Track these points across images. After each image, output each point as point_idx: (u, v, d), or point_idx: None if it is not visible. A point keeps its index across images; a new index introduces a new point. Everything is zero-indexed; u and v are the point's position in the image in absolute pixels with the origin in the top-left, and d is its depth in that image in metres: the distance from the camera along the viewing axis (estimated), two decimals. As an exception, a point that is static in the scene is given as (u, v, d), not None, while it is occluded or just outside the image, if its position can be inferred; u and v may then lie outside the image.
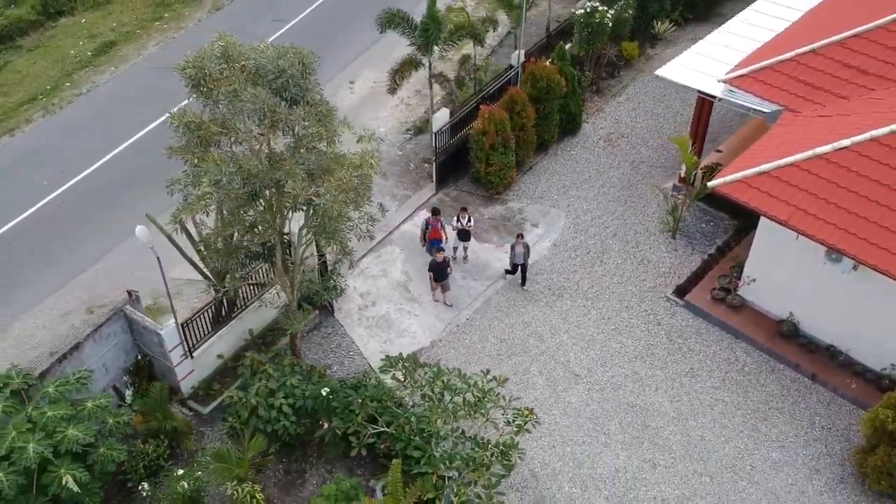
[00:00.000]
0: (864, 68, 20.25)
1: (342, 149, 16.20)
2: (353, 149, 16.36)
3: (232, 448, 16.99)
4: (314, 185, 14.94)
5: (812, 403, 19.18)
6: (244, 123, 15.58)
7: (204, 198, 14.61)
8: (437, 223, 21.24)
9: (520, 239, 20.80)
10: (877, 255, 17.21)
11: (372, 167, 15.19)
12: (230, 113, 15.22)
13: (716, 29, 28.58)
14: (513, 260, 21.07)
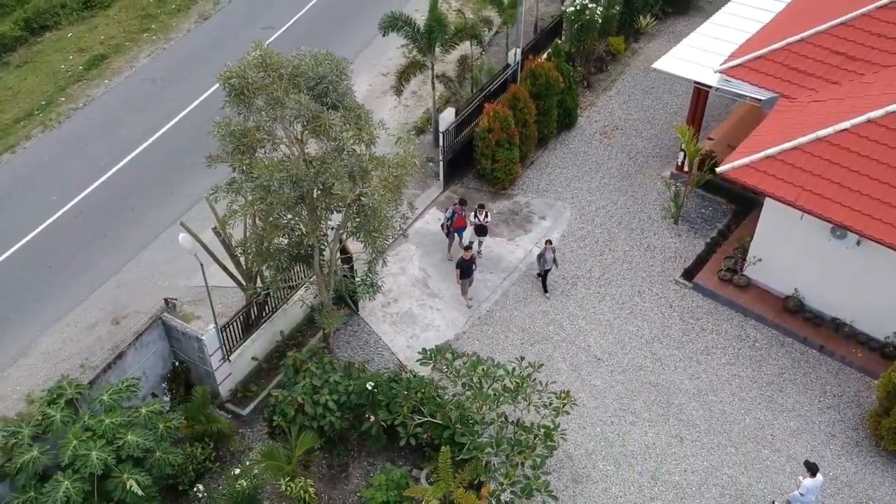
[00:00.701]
0: (851, 54, 21.40)
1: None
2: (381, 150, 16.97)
3: (279, 446, 17.45)
4: (359, 186, 15.49)
5: (822, 373, 20.25)
6: (285, 129, 16.09)
7: (255, 203, 15.04)
8: (462, 212, 21.93)
9: (548, 245, 21.26)
10: (880, 229, 18.31)
11: (415, 166, 15.79)
12: (272, 119, 15.69)
13: (694, 21, 29.81)
14: (542, 267, 21.49)
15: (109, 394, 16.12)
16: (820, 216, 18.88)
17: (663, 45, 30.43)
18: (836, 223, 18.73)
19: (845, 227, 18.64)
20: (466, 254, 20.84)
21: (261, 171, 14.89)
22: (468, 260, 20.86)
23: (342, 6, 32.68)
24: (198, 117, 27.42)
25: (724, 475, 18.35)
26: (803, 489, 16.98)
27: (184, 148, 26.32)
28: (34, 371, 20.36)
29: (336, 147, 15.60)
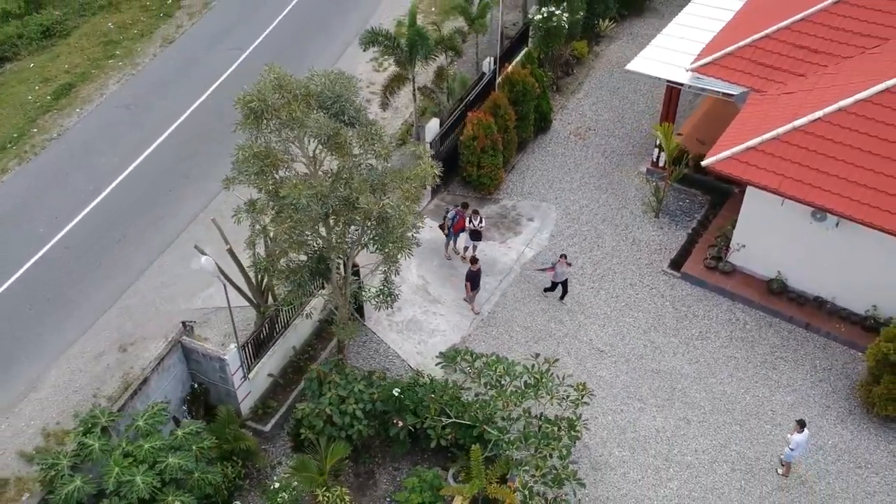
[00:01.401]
0: (813, 48, 22.76)
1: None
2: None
3: (309, 458, 17.82)
4: (382, 198, 16.02)
5: (810, 349, 21.47)
6: (301, 148, 16.52)
7: (285, 221, 15.42)
8: (465, 214, 22.60)
9: (563, 259, 21.86)
10: (857, 209, 19.59)
11: (435, 177, 16.38)
12: (285, 140, 16.11)
13: (649, 22, 31.15)
14: (555, 279, 22.11)
15: (145, 419, 16.29)
16: (802, 201, 20.09)
17: (623, 47, 31.70)
18: (818, 207, 19.95)
19: (826, 209, 19.88)
20: (475, 266, 21.49)
21: (289, 191, 15.28)
22: (477, 272, 21.51)
23: (306, 24, 33.02)
24: (176, 141, 27.54)
25: (733, 451, 19.37)
26: (793, 444, 18.22)
27: (166, 172, 26.43)
28: (46, 405, 20.28)
29: (356, 162, 16.07)
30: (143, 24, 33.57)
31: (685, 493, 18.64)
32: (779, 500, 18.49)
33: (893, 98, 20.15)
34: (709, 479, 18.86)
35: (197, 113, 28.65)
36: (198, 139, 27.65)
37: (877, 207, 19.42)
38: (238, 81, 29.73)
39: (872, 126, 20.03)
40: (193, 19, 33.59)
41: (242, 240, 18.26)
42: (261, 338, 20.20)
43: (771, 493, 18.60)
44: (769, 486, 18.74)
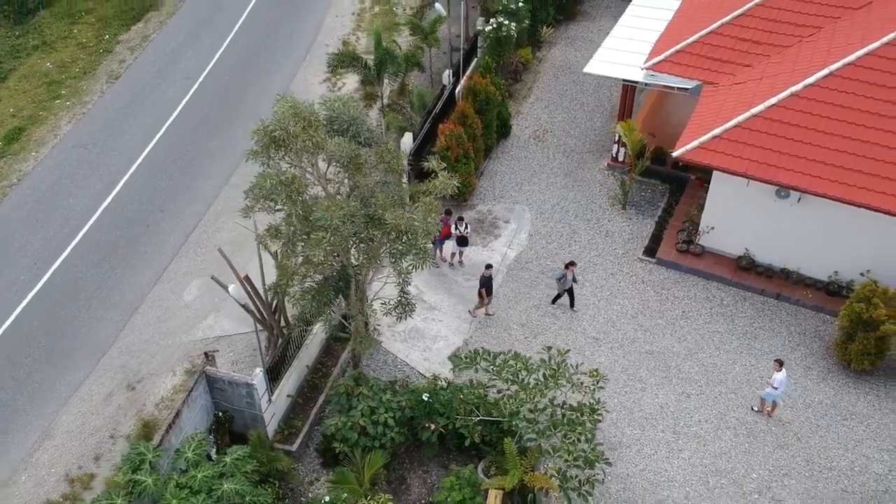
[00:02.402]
0: (756, 40, 24.64)
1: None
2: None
3: (347, 470, 18.39)
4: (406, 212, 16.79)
5: (784, 317, 23.24)
6: (318, 171, 17.13)
7: (321, 243, 15.99)
8: (449, 221, 23.48)
9: (571, 267, 22.68)
10: (818, 183, 21.41)
11: (455, 188, 17.23)
12: (308, 164, 16.71)
13: (582, 25, 32.82)
14: (562, 287, 22.95)
15: (192, 450, 16.56)
16: (769, 181, 21.81)
17: (563, 50, 33.22)
18: (784, 185, 21.71)
19: (791, 187, 21.65)
20: (486, 272, 22.38)
21: (323, 213, 15.86)
22: (489, 277, 22.40)
23: (253, 49, 33.30)
24: (143, 176, 27.50)
25: (732, 418, 20.87)
26: (775, 382, 20.04)
27: (140, 207, 26.43)
28: (63, 451, 20.16)
29: (378, 180, 16.79)
30: (84, 61, 33.20)
31: (697, 461, 20.01)
32: (781, 456, 20.06)
33: (837, 81, 22.10)
34: (716, 446, 20.30)
35: (159, 147, 28.66)
36: (165, 172, 27.70)
37: (835, 181, 21.28)
38: (195, 111, 30.01)
39: (822, 107, 21.93)
40: (135, 53, 33.42)
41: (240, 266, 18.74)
42: (277, 360, 20.59)
43: (773, 452, 20.16)
44: (770, 446, 20.30)
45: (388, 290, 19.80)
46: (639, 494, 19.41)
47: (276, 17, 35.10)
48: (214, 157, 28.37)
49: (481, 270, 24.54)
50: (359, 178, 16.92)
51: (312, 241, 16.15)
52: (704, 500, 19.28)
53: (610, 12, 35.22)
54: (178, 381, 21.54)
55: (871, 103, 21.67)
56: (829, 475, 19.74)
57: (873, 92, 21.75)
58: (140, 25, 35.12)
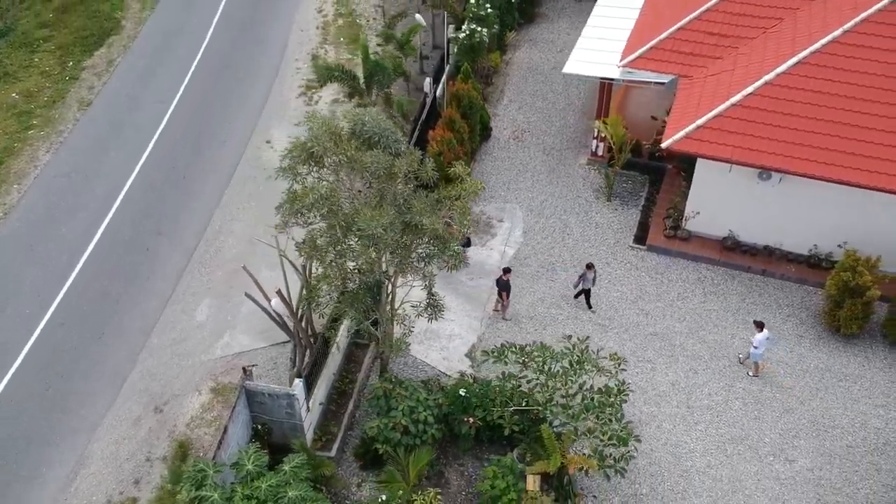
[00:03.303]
0: (723, 34, 26.16)
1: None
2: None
3: (393, 470, 19.08)
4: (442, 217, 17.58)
5: (771, 290, 24.79)
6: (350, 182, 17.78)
7: (367, 251, 16.65)
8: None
9: (591, 269, 23.61)
10: (797, 164, 22.98)
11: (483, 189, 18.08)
12: (346, 176, 17.35)
13: (542, 27, 34.10)
14: (583, 286, 23.83)
15: (252, 462, 17.02)
16: (753, 165, 23.29)
17: (528, 52, 34.37)
18: (768, 168, 23.22)
19: (774, 169, 23.17)
20: (506, 275, 23.21)
21: (367, 222, 16.51)
22: (507, 280, 23.23)
23: (223, 66, 33.46)
24: (134, 202, 27.51)
25: (739, 389, 22.25)
26: (756, 342, 21.76)
27: (136, 232, 26.51)
28: (101, 478, 20.28)
29: (413, 188, 17.54)
30: (51, 90, 32.87)
31: (713, 431, 21.31)
32: (788, 420, 21.51)
33: (806, 68, 23.72)
34: (728, 416, 21.63)
35: (145, 171, 28.69)
36: (155, 196, 27.79)
37: (813, 160, 22.88)
38: (174, 133, 30.14)
39: (795, 93, 23.51)
40: (103, 78, 33.24)
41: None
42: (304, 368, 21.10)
43: (780, 416, 21.60)
44: (777, 411, 21.74)
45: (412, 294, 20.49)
46: (665, 467, 20.59)
47: (240, 36, 35.28)
48: (202, 178, 28.56)
49: (484, 268, 25.52)
50: (392, 187, 17.61)
51: (359, 251, 16.78)
52: (725, 467, 20.58)
53: (565, 13, 36.57)
54: (206, 400, 21.83)
55: (840, 87, 23.34)
56: (833, 433, 21.27)
57: (840, 76, 23.43)
58: (103, 50, 34.88)
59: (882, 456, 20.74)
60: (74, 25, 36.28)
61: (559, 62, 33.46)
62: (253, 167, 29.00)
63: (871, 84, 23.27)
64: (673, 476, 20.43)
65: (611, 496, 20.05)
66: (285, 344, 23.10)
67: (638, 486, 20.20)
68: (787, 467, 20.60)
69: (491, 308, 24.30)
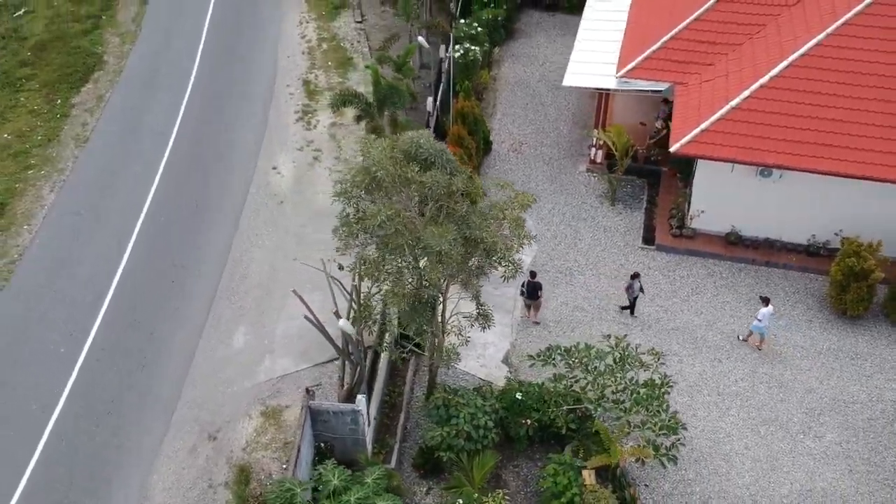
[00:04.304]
0: (712, 41, 27.74)
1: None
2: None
3: (459, 475, 19.87)
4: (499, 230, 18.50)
5: (777, 280, 26.34)
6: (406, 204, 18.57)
7: (435, 270, 17.46)
8: None
9: (637, 278, 24.68)
10: (795, 160, 24.61)
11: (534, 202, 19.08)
12: (407, 197, 18.14)
13: (520, 42, 35.57)
14: (632, 295, 24.87)
15: (338, 477, 17.63)
16: (757, 164, 24.84)
17: (511, 67, 35.59)
18: (771, 166, 24.78)
19: (777, 166, 24.75)
20: (534, 278, 24.14)
21: (434, 240, 17.31)
22: (537, 281, 24.18)
23: (214, 97, 33.73)
24: (150, 236, 27.58)
25: (763, 374, 23.66)
26: (760, 315, 23.44)
27: (158, 267, 26.65)
28: (171, 509, 20.58)
29: (471, 205, 18.43)
30: (44, 128, 32.75)
31: (744, 415, 22.64)
32: (811, 399, 22.99)
33: (798, 70, 25.40)
34: (756, 400, 23.01)
35: (155, 204, 28.86)
36: (170, 228, 28.02)
37: (812, 156, 24.52)
38: (179, 164, 30.43)
39: (791, 94, 25.16)
40: (96, 114, 33.25)
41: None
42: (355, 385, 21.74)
43: (804, 397, 23.06)
44: (800, 392, 23.21)
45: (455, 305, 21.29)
46: (706, 452, 21.82)
47: (227, 65, 35.63)
48: (215, 207, 28.89)
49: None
50: (451, 204, 18.45)
51: (429, 267, 17.58)
52: (761, 448, 21.91)
53: (541, 28, 37.93)
54: (257, 424, 22.26)
55: (829, 86, 25.09)
56: (853, 408, 22.82)
57: (828, 76, 25.17)
58: (90, 86, 34.86)
59: (901, 426, 22.38)
60: (56, 63, 36.14)
61: (543, 75, 35.00)
62: (264, 194, 29.46)
63: (858, 82, 25.06)
64: (715, 460, 21.67)
65: (661, 483, 21.16)
66: (325, 364, 23.74)
67: (684, 472, 21.36)
68: (816, 443, 22.03)
69: (518, 315, 25.26)
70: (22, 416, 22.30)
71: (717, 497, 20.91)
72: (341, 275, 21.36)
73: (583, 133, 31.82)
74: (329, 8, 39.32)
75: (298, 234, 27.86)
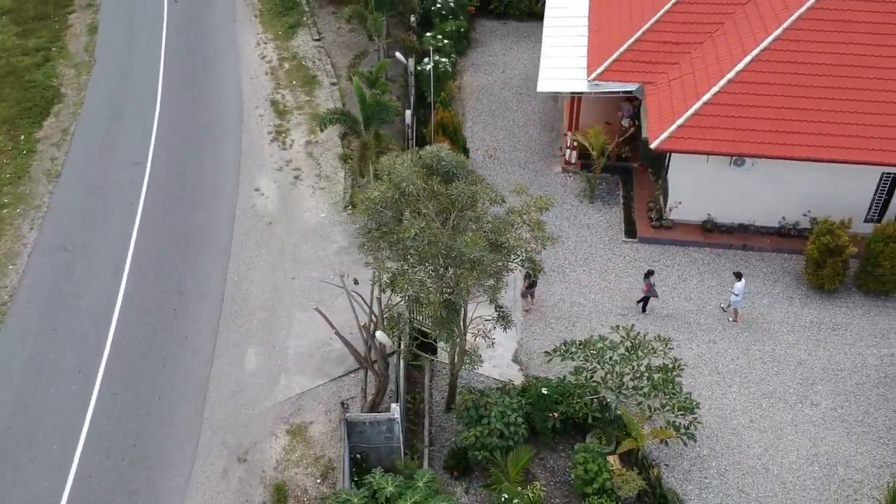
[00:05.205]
0: (675, 41, 29.25)
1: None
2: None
3: (496, 471, 20.67)
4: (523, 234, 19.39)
5: (755, 262, 27.97)
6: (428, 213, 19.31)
7: (470, 277, 18.24)
8: None
9: (651, 275, 25.77)
10: (767, 148, 26.26)
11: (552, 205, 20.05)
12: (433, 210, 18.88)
13: (478, 51, 36.77)
14: (650, 293, 25.82)
15: (393, 484, 18.21)
16: (727, 154, 26.39)
17: (473, 75, 36.58)
18: (745, 155, 26.36)
19: (749, 155, 26.34)
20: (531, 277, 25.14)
21: (469, 248, 18.09)
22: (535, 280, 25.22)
23: (184, 122, 33.74)
24: (143, 265, 27.54)
25: (756, 350, 25.16)
26: (736, 290, 25.17)
27: (158, 295, 26.63)
28: (210, 532, 20.75)
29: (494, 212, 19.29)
30: (11, 166, 32.21)
31: (745, 390, 24.07)
32: (803, 371, 24.57)
33: (761, 64, 27.06)
34: (753, 375, 24.47)
35: (143, 233, 28.78)
36: (162, 257, 28.00)
37: (781, 143, 26.20)
38: (159, 192, 30.36)
39: (757, 87, 26.79)
40: (63, 148, 32.88)
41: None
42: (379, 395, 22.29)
43: (796, 369, 24.64)
44: (792, 364, 24.78)
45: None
46: (715, 429, 23.13)
47: (191, 91, 35.59)
48: (204, 234, 28.95)
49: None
50: (473, 212, 19.26)
51: (464, 274, 18.34)
52: (765, 419, 23.37)
53: (496, 36, 39.06)
54: (285, 442, 22.61)
55: (792, 77, 26.80)
56: (842, 374, 24.50)
57: (791, 68, 26.88)
58: (52, 120, 34.39)
59: (886, 388, 24.11)
60: (12, 98, 35.52)
61: (506, 82, 36.13)
62: (251, 216, 29.66)
63: (816, 72, 26.83)
64: (725, 435, 23.01)
65: (679, 462, 22.37)
66: (342, 378, 24.23)
67: (698, 449, 22.63)
68: (814, 410, 23.61)
69: (520, 315, 26.19)
70: (45, 457, 22.14)
71: (733, 469, 22.22)
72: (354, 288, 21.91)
73: (552, 136, 33.04)
74: (284, 27, 39.64)
75: (293, 253, 28.20)
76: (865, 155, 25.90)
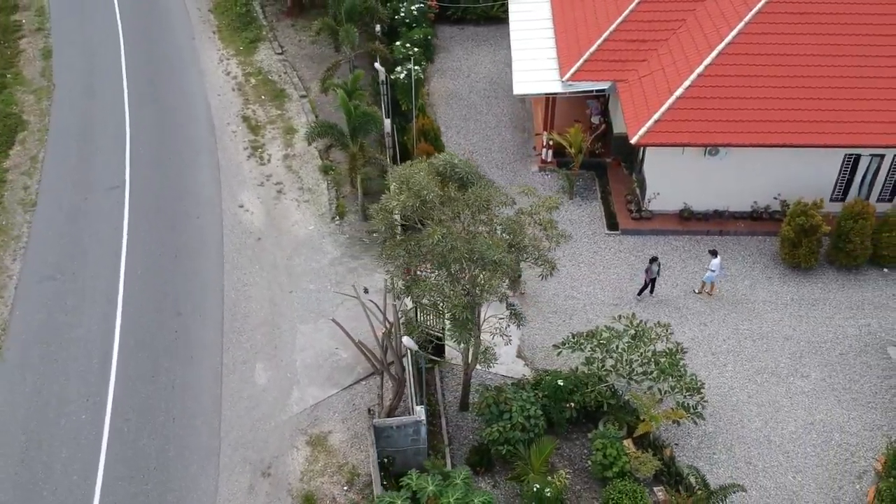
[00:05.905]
0: (641, 39, 30.44)
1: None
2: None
3: (521, 463, 21.38)
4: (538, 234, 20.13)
5: (732, 246, 29.31)
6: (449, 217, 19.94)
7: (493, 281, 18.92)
8: None
9: (655, 262, 26.62)
10: (740, 137, 27.59)
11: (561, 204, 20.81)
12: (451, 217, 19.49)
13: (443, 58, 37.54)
14: (650, 276, 26.74)
15: (434, 483, 18.74)
16: (702, 145, 27.65)
17: (441, 81, 37.26)
18: (720, 145, 27.65)
19: (724, 145, 27.64)
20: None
21: (492, 250, 18.75)
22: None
23: (159, 143, 33.60)
24: (137, 289, 27.45)
25: (744, 329, 26.44)
26: (713, 266, 26.60)
27: (157, 317, 26.59)
28: (245, 549, 20.93)
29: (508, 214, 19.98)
30: (-19, 197, 31.57)
31: (739, 368, 25.30)
32: (790, 346, 25.94)
33: (728, 57, 28.37)
34: (745, 353, 25.73)
35: (133, 257, 28.63)
36: (156, 280, 27.90)
37: (753, 132, 27.55)
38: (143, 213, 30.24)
39: (726, 79, 28.09)
40: (35, 176, 32.41)
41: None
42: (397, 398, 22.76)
43: (783, 344, 26.00)
44: (779, 340, 26.13)
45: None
46: (717, 407, 24.26)
47: (160, 112, 35.38)
48: (194, 254, 28.94)
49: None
50: (486, 216, 19.94)
51: (488, 276, 18.99)
52: (762, 394, 24.63)
53: (456, 42, 39.82)
54: (307, 453, 22.91)
55: (758, 68, 28.19)
56: (826, 346, 25.94)
57: (756, 60, 28.27)
58: (18, 148, 33.82)
59: (868, 356, 25.63)
60: (-28, 128, 34.76)
61: (473, 86, 36.93)
62: (239, 232, 29.75)
63: (780, 62, 28.27)
64: (726, 412, 24.17)
65: (688, 440, 23.42)
66: (353, 386, 24.62)
67: (704, 427, 23.72)
68: (805, 382, 24.97)
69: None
70: (66, 487, 21.97)
71: (738, 443, 23.39)
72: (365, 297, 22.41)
73: (524, 136, 33.94)
74: (245, 43, 39.66)
75: (287, 266, 28.43)
76: (830, 138, 27.43)
